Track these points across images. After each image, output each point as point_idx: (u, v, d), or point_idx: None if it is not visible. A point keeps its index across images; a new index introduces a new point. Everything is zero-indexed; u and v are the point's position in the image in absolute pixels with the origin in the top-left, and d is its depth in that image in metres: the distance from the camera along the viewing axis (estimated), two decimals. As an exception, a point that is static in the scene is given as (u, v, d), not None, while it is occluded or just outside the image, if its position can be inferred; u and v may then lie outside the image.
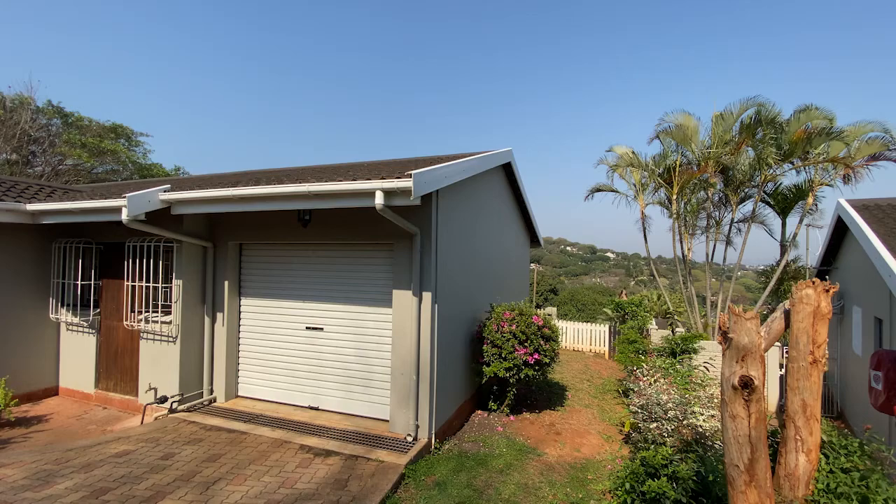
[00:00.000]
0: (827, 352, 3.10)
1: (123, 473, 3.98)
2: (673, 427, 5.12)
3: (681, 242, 14.16)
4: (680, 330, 10.85)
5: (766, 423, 2.99)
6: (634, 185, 15.90)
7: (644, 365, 6.92)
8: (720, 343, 3.21)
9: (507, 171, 8.69)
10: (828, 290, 3.00)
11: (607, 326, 12.77)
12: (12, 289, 6.37)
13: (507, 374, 6.07)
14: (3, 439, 5.25)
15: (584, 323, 13.58)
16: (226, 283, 6.23)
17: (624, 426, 6.44)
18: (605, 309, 23.86)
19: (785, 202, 13.64)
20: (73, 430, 5.66)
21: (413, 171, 4.08)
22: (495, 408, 6.63)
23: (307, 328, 6.08)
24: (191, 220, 5.95)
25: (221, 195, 4.91)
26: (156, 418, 5.67)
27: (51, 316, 6.77)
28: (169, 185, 5.60)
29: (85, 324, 6.69)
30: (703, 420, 5.01)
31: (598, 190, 16.43)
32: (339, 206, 4.52)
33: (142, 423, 5.60)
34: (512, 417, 6.53)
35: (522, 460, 5.16)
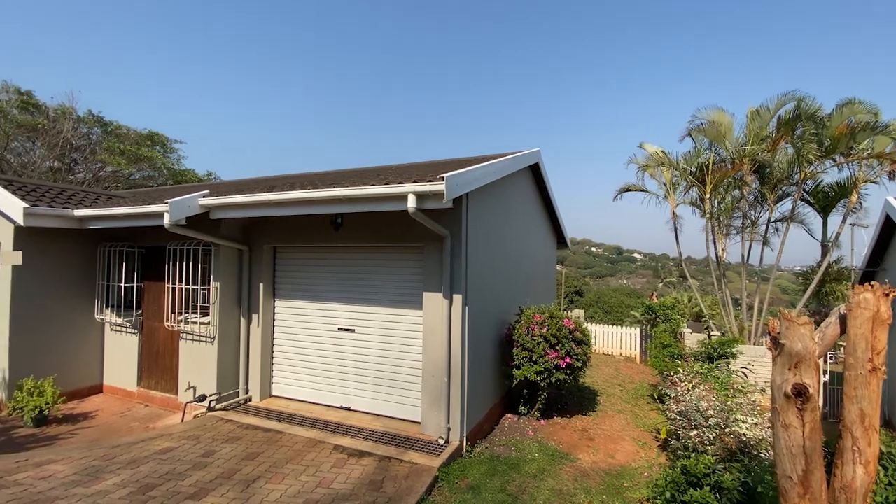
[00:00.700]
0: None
1: (168, 470, 4.12)
2: (714, 435, 4.95)
3: (714, 243, 13.72)
4: (715, 334, 10.49)
5: (822, 432, 2.85)
6: (665, 185, 15.51)
7: (680, 370, 6.72)
8: (770, 349, 3.08)
9: (535, 171, 8.61)
10: (888, 294, 2.84)
11: (638, 330, 12.47)
12: (61, 291, 6.70)
13: (538, 378, 6.00)
14: (51, 435, 5.51)
15: (614, 326, 13.31)
16: (261, 285, 6.38)
17: (660, 433, 6.27)
18: (632, 311, 23.34)
19: (826, 200, 13.03)
20: (117, 427, 5.89)
21: (445, 175, 4.08)
22: (525, 412, 6.56)
23: (339, 329, 6.16)
24: (228, 224, 6.12)
25: (257, 200, 5.04)
26: (195, 416, 5.85)
27: (96, 317, 7.09)
28: (207, 191, 5.78)
29: (128, 324, 6.98)
30: (747, 428, 4.82)
31: (628, 189, 16.09)
32: (372, 210, 4.56)
33: (182, 420, 5.79)
34: (543, 422, 6.45)
35: (555, 466, 5.08)
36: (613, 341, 12.97)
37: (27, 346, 6.28)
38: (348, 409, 6.02)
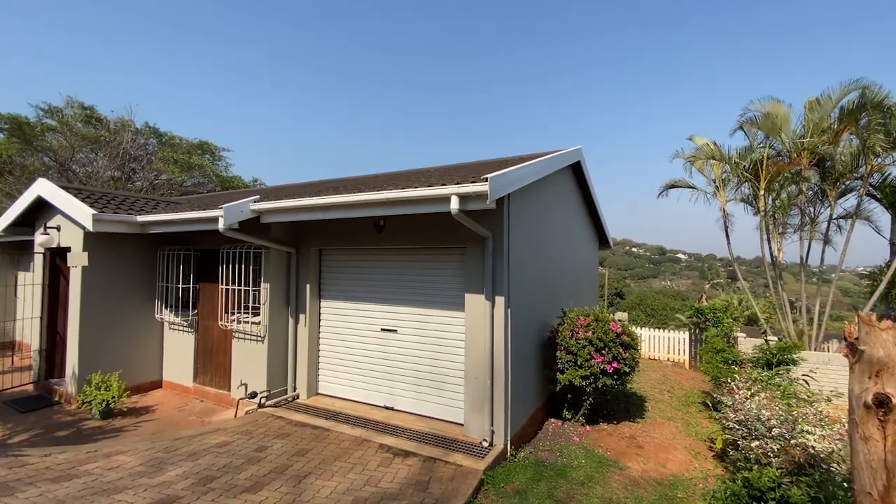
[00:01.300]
0: None
1: (225, 463, 4.31)
2: (779, 446, 4.64)
3: (769, 242, 12.95)
4: (772, 339, 9.88)
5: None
6: (714, 181, 14.80)
7: (737, 376, 6.36)
8: (846, 356, 2.86)
9: (576, 170, 8.43)
10: None
11: (687, 334, 11.93)
12: (125, 292, 7.17)
13: (583, 383, 5.85)
14: (116, 427, 5.88)
15: (661, 330, 12.79)
16: (307, 286, 6.58)
17: (715, 442, 5.96)
18: (678, 314, 22.38)
19: (895, 195, 12.04)
20: (176, 421, 6.22)
21: (489, 175, 4.06)
22: (570, 417, 6.40)
23: (382, 329, 6.25)
24: (277, 228, 6.36)
25: (305, 204, 5.20)
26: (247, 412, 6.09)
27: (156, 316, 7.54)
28: (258, 196, 6.02)
29: (185, 323, 7.37)
30: (815, 440, 4.49)
31: (674, 186, 15.45)
32: (415, 212, 4.60)
33: (235, 416, 6.05)
34: (588, 428, 6.28)
35: (604, 473, 4.93)
36: (660, 345, 12.46)
37: (95, 344, 6.76)
38: (391, 409, 6.09)
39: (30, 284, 7.87)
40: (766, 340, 9.07)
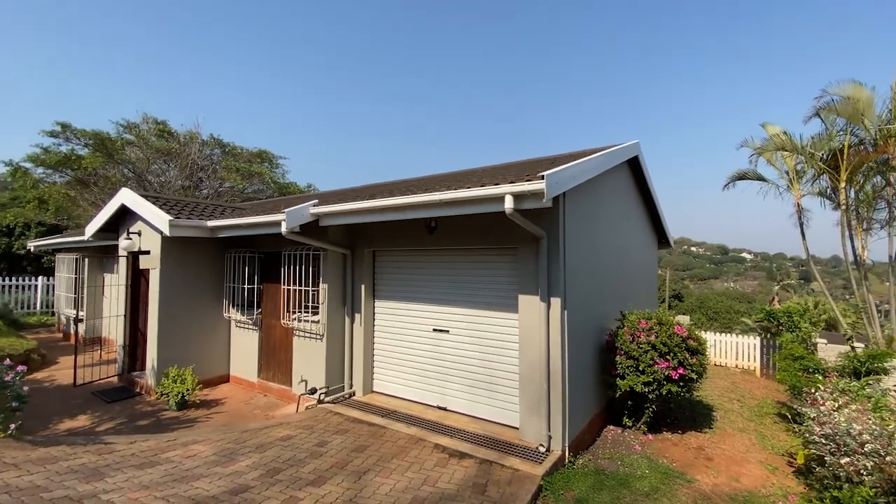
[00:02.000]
0: None
1: (289, 456, 4.49)
2: (872, 464, 4.18)
3: (851, 239, 11.79)
4: (858, 346, 8.95)
5: None
6: (787, 173, 13.68)
7: (820, 386, 5.81)
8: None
9: (633, 165, 8.07)
10: None
11: (758, 339, 11.07)
12: (199, 292, 7.70)
13: (645, 390, 5.57)
14: (191, 418, 6.30)
15: (729, 335, 11.96)
16: (362, 286, 6.75)
17: (795, 457, 5.48)
18: (743, 318, 20.83)
19: None
20: (242, 414, 6.58)
21: (545, 173, 3.96)
22: (630, 424, 6.13)
23: (434, 330, 6.28)
24: (334, 231, 6.57)
25: (361, 207, 5.33)
26: (307, 408, 6.33)
27: (224, 315, 8.03)
28: (316, 201, 6.25)
29: (250, 322, 7.80)
30: (919, 459, 4.00)
31: (742, 178, 14.43)
32: (469, 213, 4.58)
33: (297, 411, 6.30)
34: (650, 436, 5.97)
35: (670, 485, 4.66)
36: (728, 351, 11.64)
37: (171, 340, 7.29)
38: (445, 409, 6.10)
39: (114, 285, 8.65)
40: (853, 347, 8.22)
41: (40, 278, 15.31)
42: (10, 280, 14.61)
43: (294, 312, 6.92)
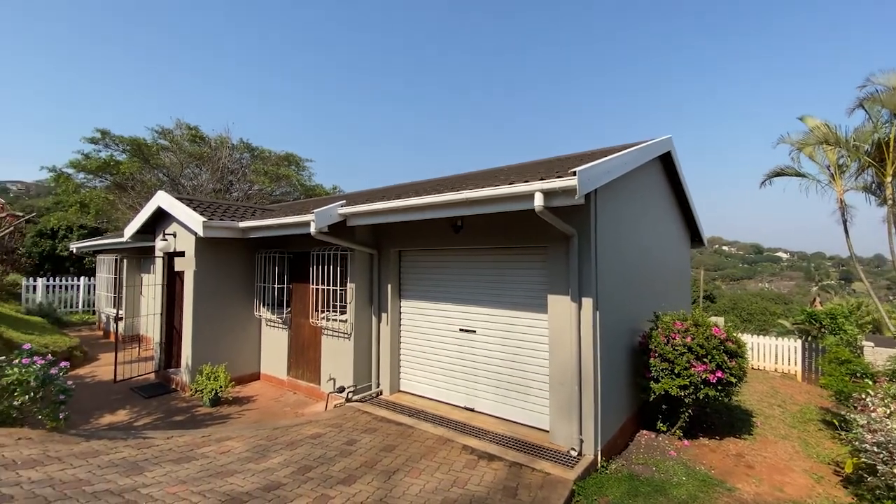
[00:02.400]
0: None
1: (320, 454, 4.52)
2: (932, 476, 3.91)
3: (901, 237, 11.15)
4: (911, 349, 8.40)
5: None
6: (829, 167, 13.05)
7: (871, 391, 5.48)
8: None
9: (665, 161, 7.82)
10: None
11: (799, 342, 10.56)
12: (231, 291, 7.89)
13: (681, 394, 5.37)
14: (224, 414, 6.45)
15: (767, 337, 11.45)
16: (388, 286, 6.77)
17: (843, 466, 5.18)
18: (780, 320, 19.94)
19: None
20: (273, 411, 6.69)
21: (577, 168, 3.85)
22: (664, 429, 5.92)
23: (460, 330, 6.23)
24: (361, 231, 6.62)
25: (388, 207, 5.33)
26: (335, 406, 6.39)
27: (255, 314, 8.20)
28: (344, 201, 6.30)
29: (280, 320, 7.94)
30: None
31: (779, 174, 13.87)
32: (497, 211, 4.51)
33: (325, 409, 6.37)
34: (686, 442, 5.76)
35: (709, 493, 4.47)
36: (767, 354, 11.14)
37: (205, 338, 7.49)
38: (472, 410, 6.04)
39: (151, 285, 8.96)
40: (905, 351, 7.73)
41: (82, 278, 16.04)
42: (55, 280, 15.37)
43: (322, 311, 7.00)
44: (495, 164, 9.31)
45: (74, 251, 14.32)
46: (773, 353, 10.99)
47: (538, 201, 4.04)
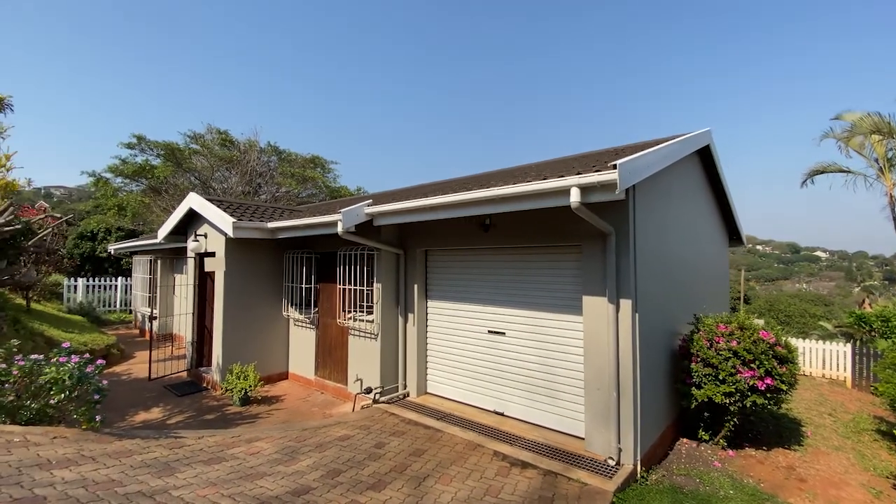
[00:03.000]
0: None
1: (349, 457, 4.45)
2: None
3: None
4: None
5: None
6: (877, 161, 12.27)
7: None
8: None
9: (703, 155, 7.45)
10: None
11: (849, 347, 9.92)
12: (261, 291, 7.96)
13: (726, 401, 5.06)
14: (253, 414, 6.47)
15: (811, 340, 10.82)
16: (415, 286, 6.66)
17: (909, 483, 4.77)
18: (821, 322, 18.89)
19: None
20: (301, 411, 6.68)
21: (618, 162, 3.64)
22: (707, 438, 5.61)
23: (489, 332, 6.07)
24: (387, 231, 6.54)
25: (416, 205, 5.22)
26: (362, 407, 6.32)
27: (283, 313, 8.25)
28: (371, 200, 6.24)
29: (307, 320, 7.95)
30: None
31: (821, 171, 13.17)
32: (529, 208, 4.33)
33: (353, 410, 6.31)
34: (731, 452, 5.43)
35: (761, 509, 4.17)
36: (813, 359, 10.51)
37: (235, 337, 7.57)
38: (501, 415, 5.86)
39: (183, 285, 9.14)
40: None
41: (120, 279, 16.63)
42: (94, 280, 15.98)
43: (349, 312, 6.96)
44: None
45: (112, 252, 14.85)
46: (819, 358, 10.35)
47: (574, 197, 3.84)
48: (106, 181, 21.30)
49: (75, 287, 15.32)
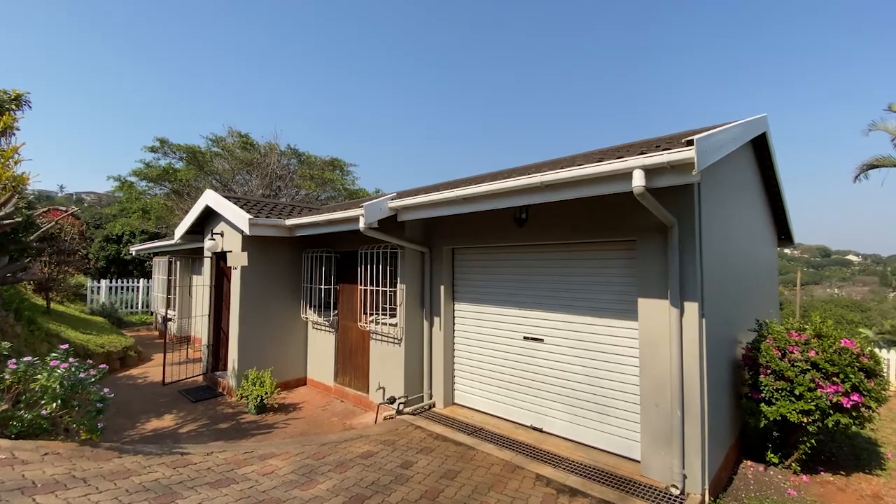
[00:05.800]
0: None
1: (373, 479, 3.94)
2: None
3: None
4: None
5: None
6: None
7: None
8: None
9: (756, 145, 6.75)
10: None
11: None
12: (278, 291, 7.56)
13: (804, 420, 4.37)
14: (269, 423, 6.04)
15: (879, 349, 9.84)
16: (441, 287, 6.15)
17: None
18: (860, 329, 17.65)
19: None
20: (320, 421, 6.22)
21: (695, 137, 3.05)
22: (776, 461, 4.91)
23: (525, 338, 5.51)
24: (411, 227, 6.06)
25: (445, 198, 4.73)
26: (385, 418, 5.82)
27: (301, 316, 7.83)
28: (395, 194, 5.77)
29: (326, 323, 7.51)
30: None
31: (874, 166, 12.21)
32: (579, 196, 3.77)
33: (375, 421, 5.81)
34: (805, 478, 4.73)
35: (860, 552, 3.49)
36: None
37: (251, 340, 7.18)
38: (540, 431, 5.28)
39: (200, 286, 8.83)
40: None
41: (142, 280, 16.62)
42: (117, 282, 15.98)
43: (371, 314, 6.48)
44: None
45: (133, 254, 14.80)
46: (884, 368, 9.39)
47: (637, 181, 3.27)
48: (131, 185, 21.48)
49: (98, 288, 15.33)
